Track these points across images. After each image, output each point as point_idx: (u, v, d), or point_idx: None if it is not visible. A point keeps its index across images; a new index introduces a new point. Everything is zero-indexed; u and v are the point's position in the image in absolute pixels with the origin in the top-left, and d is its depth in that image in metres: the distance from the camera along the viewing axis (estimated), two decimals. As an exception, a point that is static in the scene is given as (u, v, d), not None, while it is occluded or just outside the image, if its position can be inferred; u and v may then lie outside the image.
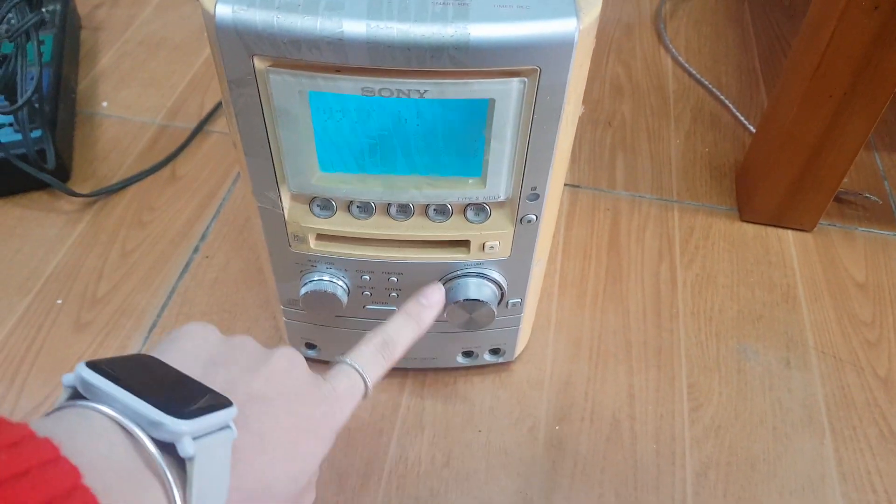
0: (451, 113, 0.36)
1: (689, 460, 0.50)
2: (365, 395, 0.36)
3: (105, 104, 0.74)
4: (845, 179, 0.70)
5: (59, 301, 0.57)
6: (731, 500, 0.48)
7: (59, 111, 0.67)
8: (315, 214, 0.41)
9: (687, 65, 0.81)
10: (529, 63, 0.33)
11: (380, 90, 0.34)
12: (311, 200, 0.41)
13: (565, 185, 0.69)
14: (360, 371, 0.36)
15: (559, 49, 0.33)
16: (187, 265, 0.60)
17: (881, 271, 0.63)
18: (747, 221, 0.66)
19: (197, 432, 0.24)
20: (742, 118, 0.75)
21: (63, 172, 0.65)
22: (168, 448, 0.24)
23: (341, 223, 0.41)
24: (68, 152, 0.68)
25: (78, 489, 0.20)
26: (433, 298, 0.42)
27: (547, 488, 0.48)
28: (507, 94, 0.34)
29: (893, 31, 0.50)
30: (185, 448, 0.24)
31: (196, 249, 0.61)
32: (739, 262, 0.63)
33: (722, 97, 0.78)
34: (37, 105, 0.64)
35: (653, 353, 0.56)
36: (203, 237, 0.62)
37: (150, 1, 0.87)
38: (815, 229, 0.66)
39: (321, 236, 0.42)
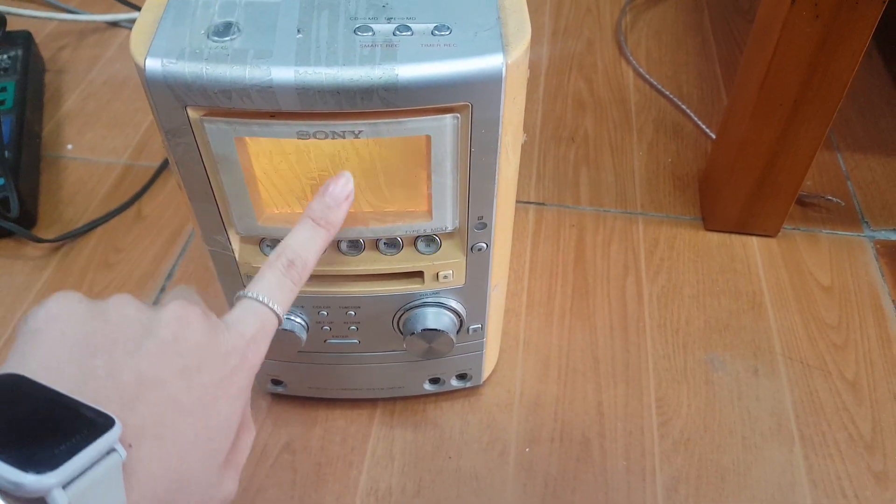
0: (388, 151, 0.36)
1: (659, 476, 0.50)
2: (279, 326, 0.33)
3: (70, 147, 0.74)
4: (807, 182, 0.71)
5: (26, 349, 0.57)
6: (703, 514, 0.48)
7: (22, 157, 0.67)
8: (266, 254, 0.41)
9: (648, 76, 0.82)
10: (460, 100, 0.33)
11: (315, 133, 0.34)
12: (261, 241, 0.41)
13: (531, 203, 0.69)
14: (268, 303, 0.32)
15: (488, 85, 0.33)
16: (154, 305, 0.60)
17: (846, 273, 0.64)
18: (712, 230, 0.67)
19: (69, 477, 0.22)
20: (704, 126, 0.76)
21: (28, 219, 0.65)
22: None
23: None
24: (33, 198, 0.68)
25: None
26: (340, 195, 0.36)
27: (518, 512, 0.48)
28: (441, 130, 0.35)
29: (836, 38, 0.51)
30: (56, 501, 0.21)
31: (163, 289, 0.61)
32: (705, 271, 0.63)
33: (683, 106, 0.78)
34: (-2, 153, 0.64)
35: (621, 368, 0.56)
36: (170, 276, 0.62)
37: (113, 41, 0.88)
38: (780, 234, 0.66)
39: None
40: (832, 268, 0.64)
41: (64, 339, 0.26)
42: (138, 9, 0.88)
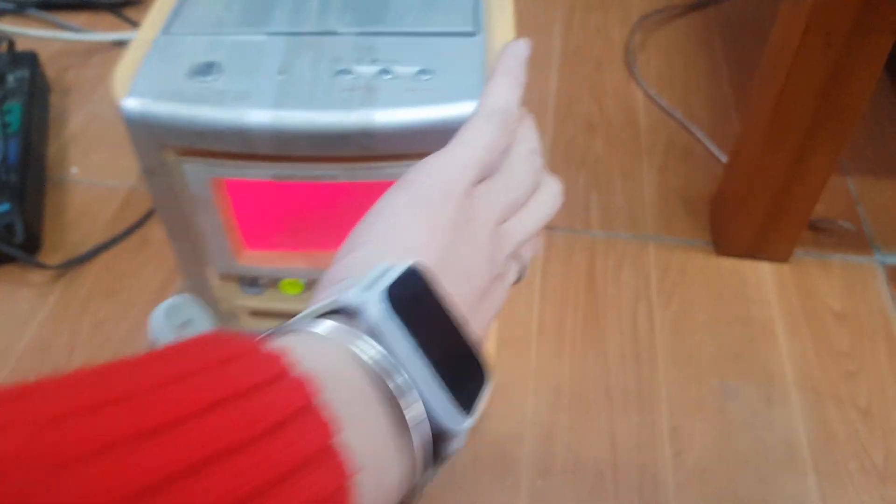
0: (368, 193, 0.35)
1: (673, 509, 0.49)
2: None
3: (75, 169, 0.74)
4: (818, 207, 0.70)
5: (32, 378, 0.56)
6: (718, 549, 0.48)
7: (27, 181, 0.67)
8: (244, 293, 0.41)
9: (657, 97, 0.82)
10: (439, 146, 0.33)
11: (290, 175, 0.33)
12: (240, 279, 0.40)
13: (539, 227, 0.69)
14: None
15: None
16: (161, 332, 0.59)
17: (858, 299, 0.63)
18: (723, 255, 0.66)
19: (474, 421, 0.23)
20: (714, 149, 0.75)
21: (33, 243, 0.65)
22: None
23: (271, 299, 0.41)
24: (38, 222, 0.67)
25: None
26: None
27: (531, 547, 0.48)
28: None
29: (848, 66, 0.51)
30: (458, 442, 0.23)
31: (170, 315, 0.61)
32: (717, 297, 0.63)
33: (693, 129, 0.78)
34: (3, 177, 0.64)
35: (633, 397, 0.56)
36: (176, 302, 0.62)
37: (118, 60, 0.87)
38: (791, 259, 0.66)
39: (255, 313, 0.42)
40: (844, 294, 0.64)
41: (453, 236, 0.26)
42: (144, 29, 0.88)
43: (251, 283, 0.40)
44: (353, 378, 0.21)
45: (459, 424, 0.22)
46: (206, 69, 0.33)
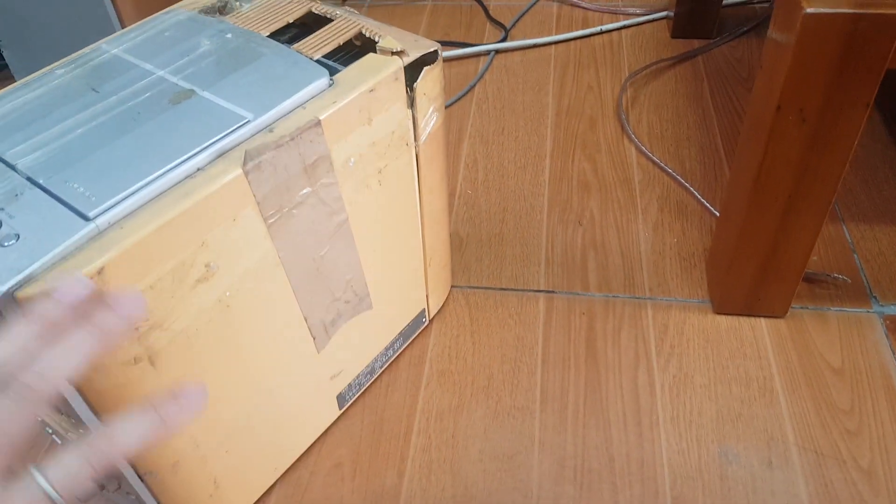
0: None
1: (677, 581, 0.51)
2: None
3: None
4: (814, 258, 0.71)
5: None
6: None
7: None
8: None
9: (650, 153, 0.84)
10: None
11: None
12: None
13: (540, 291, 0.70)
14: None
15: None
16: None
17: (856, 352, 0.64)
18: (720, 313, 0.68)
19: None
20: (708, 204, 0.77)
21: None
22: None
23: None
24: None
25: None
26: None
27: None
28: None
29: (824, 140, 0.52)
30: None
31: None
32: (715, 357, 0.64)
33: (686, 184, 0.80)
34: None
35: (636, 465, 0.57)
36: None
37: None
38: (788, 314, 0.67)
39: None
40: (842, 348, 0.64)
41: None
42: None
43: None
44: None
45: None
46: None
